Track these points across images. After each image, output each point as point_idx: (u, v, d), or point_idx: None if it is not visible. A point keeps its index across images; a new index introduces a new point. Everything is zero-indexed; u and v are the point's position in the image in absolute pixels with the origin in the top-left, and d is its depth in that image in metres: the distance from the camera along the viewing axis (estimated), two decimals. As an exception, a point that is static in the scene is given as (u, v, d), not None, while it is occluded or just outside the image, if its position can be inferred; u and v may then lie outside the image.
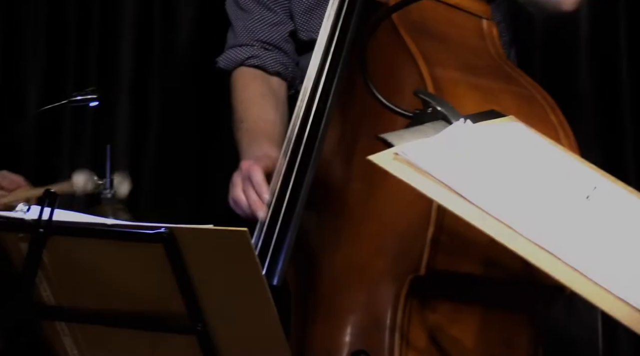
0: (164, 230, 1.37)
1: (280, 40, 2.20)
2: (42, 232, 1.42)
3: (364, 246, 1.86)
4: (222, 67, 2.26)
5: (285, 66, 2.21)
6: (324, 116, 1.90)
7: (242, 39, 2.22)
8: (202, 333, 1.41)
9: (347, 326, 1.85)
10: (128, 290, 1.45)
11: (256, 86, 2.19)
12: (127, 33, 3.21)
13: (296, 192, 1.87)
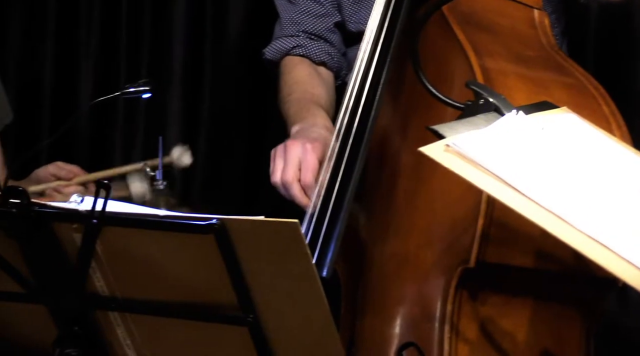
0: (215, 221, 1.38)
1: (325, 30, 2.21)
2: (96, 223, 1.43)
3: (413, 238, 1.86)
4: (269, 57, 2.28)
5: (331, 56, 2.22)
6: (373, 107, 1.90)
7: (288, 30, 2.24)
8: (254, 324, 1.42)
9: (396, 318, 1.85)
10: (179, 281, 1.46)
11: (303, 68, 2.21)
12: (179, 25, 3.23)
13: (345, 183, 1.87)
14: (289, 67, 2.24)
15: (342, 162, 1.88)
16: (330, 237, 1.85)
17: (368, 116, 1.90)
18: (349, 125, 1.90)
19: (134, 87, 2.56)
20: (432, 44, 1.91)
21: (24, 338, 1.61)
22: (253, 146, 3.24)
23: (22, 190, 1.44)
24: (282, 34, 2.26)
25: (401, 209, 1.89)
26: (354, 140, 1.89)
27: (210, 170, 3.23)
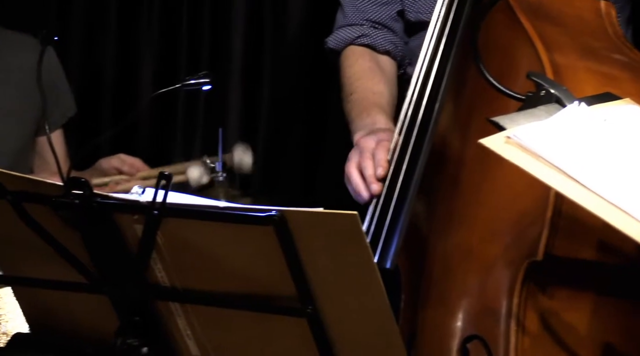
0: (274, 212, 1.38)
1: (388, 19, 2.20)
2: (157, 214, 1.44)
3: (478, 231, 1.84)
4: (332, 47, 2.27)
5: (394, 45, 2.21)
6: (437, 99, 1.89)
7: (352, 19, 2.23)
8: (313, 315, 1.42)
9: (460, 311, 1.83)
10: (239, 272, 1.46)
11: (364, 61, 2.20)
12: (239, 17, 3.24)
13: (409, 175, 1.86)
14: (350, 59, 2.23)
15: (406, 154, 1.87)
16: (394, 229, 1.85)
17: (432, 108, 1.89)
18: (413, 117, 1.89)
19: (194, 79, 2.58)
20: (498, 35, 1.89)
21: (86, 328, 1.63)
22: (312, 137, 3.24)
23: (85, 181, 1.46)
24: (345, 22, 2.25)
25: (465, 202, 1.88)
26: (418, 132, 1.88)
27: (269, 162, 3.24)
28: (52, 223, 1.50)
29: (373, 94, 2.14)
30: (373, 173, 1.90)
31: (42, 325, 1.69)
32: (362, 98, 2.14)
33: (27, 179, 1.54)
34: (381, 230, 1.84)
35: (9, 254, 1.66)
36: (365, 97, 2.14)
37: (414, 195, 1.85)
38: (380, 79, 2.17)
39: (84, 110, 3.31)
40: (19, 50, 2.83)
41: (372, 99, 2.13)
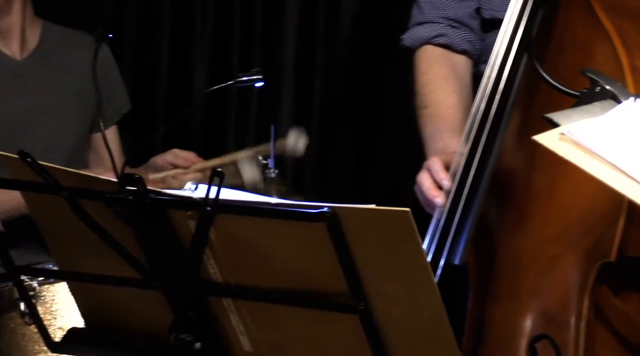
0: (326, 209, 1.38)
1: (466, 16, 2.15)
2: (209, 210, 1.45)
3: (549, 231, 1.81)
4: (407, 45, 2.21)
5: (472, 43, 2.16)
6: (510, 98, 1.86)
7: (429, 16, 2.18)
8: (365, 312, 1.42)
9: (529, 311, 1.81)
10: (291, 268, 1.47)
11: (439, 68, 2.15)
12: (291, 14, 3.24)
13: (479, 173, 1.84)
14: (425, 65, 2.18)
15: (477, 152, 1.85)
16: (463, 226, 1.84)
17: (504, 107, 1.86)
18: (484, 116, 1.86)
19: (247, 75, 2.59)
20: (575, 33, 1.84)
21: (140, 324, 1.64)
22: (364, 134, 3.24)
23: (139, 177, 1.47)
24: (422, 19, 2.19)
25: (536, 202, 1.84)
26: (490, 131, 1.85)
27: (321, 158, 3.25)
28: (107, 219, 1.51)
29: (446, 109, 2.09)
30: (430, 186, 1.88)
31: (96, 320, 1.70)
32: (435, 115, 2.10)
33: (82, 175, 1.55)
34: (450, 226, 1.83)
35: (64, 249, 1.68)
36: (438, 114, 2.10)
37: (484, 192, 1.83)
38: (454, 89, 2.13)
39: (138, 107, 3.33)
40: (75, 48, 2.86)
41: (445, 116, 2.08)
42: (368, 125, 3.23)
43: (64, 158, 2.74)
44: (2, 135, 2.68)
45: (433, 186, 1.89)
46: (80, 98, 2.83)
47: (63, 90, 2.81)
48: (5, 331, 2.27)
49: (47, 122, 2.77)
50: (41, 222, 1.67)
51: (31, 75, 2.78)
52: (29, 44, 2.79)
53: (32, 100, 2.76)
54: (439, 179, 1.88)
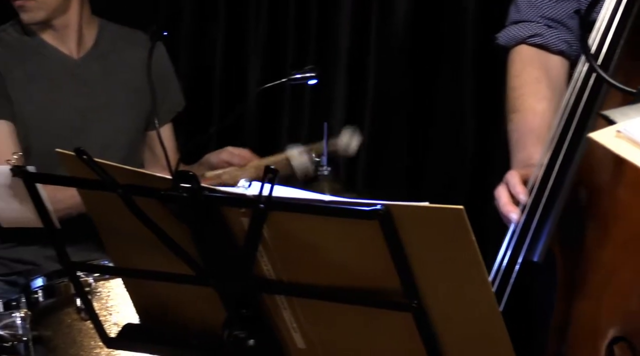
0: (379, 207, 1.38)
1: (565, 16, 2.11)
2: (263, 208, 1.45)
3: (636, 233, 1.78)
4: (502, 44, 2.18)
5: (569, 44, 2.12)
6: (595, 102, 1.83)
7: (525, 15, 2.14)
8: (418, 310, 1.41)
9: (613, 311, 1.78)
10: (343, 266, 1.47)
11: (531, 70, 2.11)
12: (345, 12, 3.24)
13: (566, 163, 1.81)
14: (517, 66, 2.14)
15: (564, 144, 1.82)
16: (543, 223, 1.82)
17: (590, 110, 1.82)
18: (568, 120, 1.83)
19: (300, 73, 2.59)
20: None
21: (194, 320, 1.65)
22: (417, 131, 3.23)
23: (193, 174, 1.48)
24: (518, 18, 2.15)
25: (627, 196, 1.81)
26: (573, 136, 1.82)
27: (374, 156, 3.24)
28: (161, 216, 1.52)
29: (534, 115, 2.05)
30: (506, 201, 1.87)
31: (151, 316, 1.71)
32: (523, 121, 2.07)
33: (137, 173, 1.57)
34: (531, 222, 1.82)
35: (119, 246, 1.69)
36: (525, 120, 2.06)
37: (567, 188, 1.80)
38: (545, 94, 2.08)
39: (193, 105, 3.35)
40: (131, 46, 2.88)
41: (531, 124, 2.05)
42: (421, 123, 3.22)
43: (120, 156, 2.76)
44: (59, 133, 2.71)
45: (509, 201, 1.87)
46: (135, 96, 2.85)
47: (119, 89, 2.84)
48: (62, 326, 2.29)
49: (103, 120, 2.80)
50: (97, 219, 1.69)
51: (88, 73, 2.80)
52: (86, 43, 2.82)
53: (89, 99, 2.79)
54: (516, 193, 1.86)
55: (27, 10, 2.69)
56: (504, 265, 1.85)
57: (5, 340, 2.27)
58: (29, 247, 2.73)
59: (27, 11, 2.69)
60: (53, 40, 2.77)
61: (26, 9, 2.69)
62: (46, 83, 2.75)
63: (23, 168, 1.62)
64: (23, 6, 2.69)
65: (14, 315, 2.29)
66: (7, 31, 2.78)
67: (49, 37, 2.77)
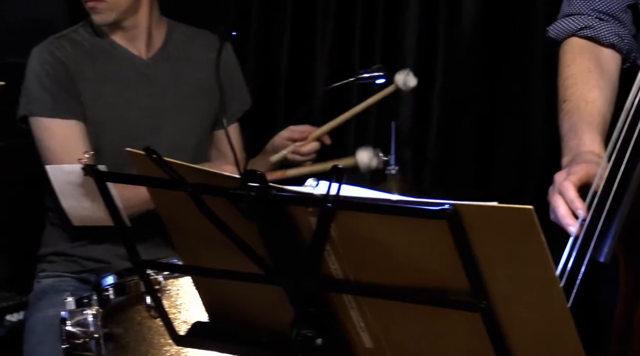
0: (447, 206, 1.37)
1: (618, 10, 2.09)
2: (330, 207, 1.45)
3: None
4: (552, 36, 2.16)
5: (620, 38, 2.10)
6: None
7: (577, 8, 2.13)
8: (487, 310, 1.40)
9: None
10: (411, 265, 1.46)
11: (583, 61, 2.10)
12: (412, 10, 3.23)
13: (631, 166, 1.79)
14: (568, 57, 2.12)
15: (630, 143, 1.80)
16: (610, 223, 1.79)
17: None
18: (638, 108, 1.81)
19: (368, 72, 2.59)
20: None
21: (261, 318, 1.66)
22: (485, 130, 3.21)
23: (261, 174, 1.49)
24: (569, 11, 2.14)
25: None
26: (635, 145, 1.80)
27: (442, 155, 3.23)
28: (229, 214, 1.53)
29: (586, 104, 2.03)
30: (566, 214, 1.85)
31: (220, 314, 1.73)
32: (574, 110, 2.04)
33: (205, 172, 1.58)
34: (597, 223, 1.80)
35: (188, 244, 1.70)
36: (577, 108, 2.04)
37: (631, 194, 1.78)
38: (596, 83, 2.07)
39: (260, 104, 3.37)
40: (199, 46, 2.91)
41: (583, 111, 2.03)
42: (489, 122, 3.19)
43: (188, 155, 2.78)
44: (129, 133, 2.74)
45: (568, 213, 1.85)
46: (203, 96, 2.87)
47: (188, 89, 2.86)
48: (132, 324, 2.32)
49: (172, 120, 2.82)
50: (166, 217, 1.70)
51: (157, 74, 2.83)
52: (155, 43, 2.85)
53: (158, 99, 2.81)
54: (574, 208, 1.84)
55: (98, 11, 2.72)
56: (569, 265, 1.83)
57: (77, 337, 2.30)
58: (100, 245, 2.77)
59: (99, 13, 2.72)
60: (123, 41, 2.80)
61: (97, 10, 2.72)
62: (116, 83, 2.78)
63: (94, 167, 1.65)
64: (94, 8, 2.72)
65: (85, 313, 2.32)
66: (78, 32, 2.81)
67: (118, 38, 2.80)
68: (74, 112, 2.71)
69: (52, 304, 2.62)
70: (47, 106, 2.70)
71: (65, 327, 2.30)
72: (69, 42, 2.77)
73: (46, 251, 2.83)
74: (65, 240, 2.80)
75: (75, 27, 2.84)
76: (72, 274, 2.79)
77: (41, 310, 2.69)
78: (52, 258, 2.81)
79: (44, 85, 2.71)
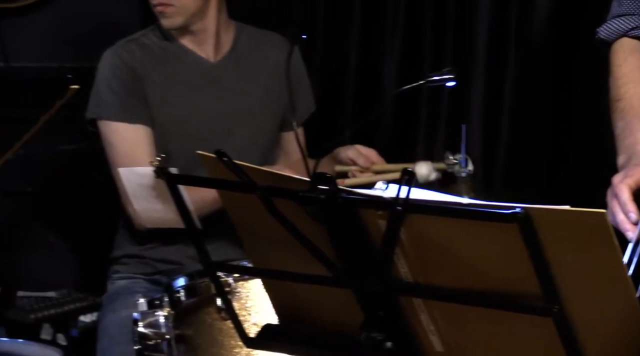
0: (519, 210, 1.36)
1: None
2: (400, 210, 1.45)
3: None
4: (603, 37, 2.15)
5: None
6: None
7: (627, 8, 2.12)
8: (559, 315, 1.39)
9: None
10: (481, 269, 1.45)
11: (634, 60, 2.09)
12: (483, 13, 3.21)
13: None
14: (620, 56, 2.11)
15: None
16: None
17: None
18: None
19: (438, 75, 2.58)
20: None
21: (331, 321, 1.66)
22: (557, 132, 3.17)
23: (330, 177, 1.49)
24: (620, 11, 2.13)
25: None
26: None
27: (513, 157, 3.20)
28: (298, 217, 1.54)
29: (639, 102, 2.03)
30: (623, 219, 1.83)
31: (289, 317, 1.73)
32: (628, 108, 2.04)
33: (275, 174, 1.58)
34: None
35: (258, 247, 1.71)
36: (631, 106, 2.03)
37: None
38: None
39: (328, 107, 3.37)
40: (266, 48, 2.92)
41: (637, 109, 2.02)
42: (561, 124, 3.16)
43: (257, 157, 2.80)
44: (198, 135, 2.76)
45: (625, 219, 1.83)
46: (271, 98, 2.89)
47: (256, 91, 2.88)
48: (203, 325, 2.33)
49: (241, 123, 2.84)
50: (236, 220, 1.71)
51: (226, 76, 2.85)
52: (223, 47, 2.87)
53: (227, 101, 2.83)
54: (625, 212, 1.82)
55: (167, 16, 2.75)
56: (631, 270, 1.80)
57: (149, 338, 2.32)
58: (171, 247, 2.79)
59: (167, 17, 2.75)
60: (191, 44, 2.83)
61: (166, 14, 2.75)
62: (185, 86, 2.81)
63: (166, 170, 1.66)
64: (163, 12, 2.75)
65: (157, 314, 2.34)
66: (148, 36, 2.84)
67: (187, 42, 2.83)
68: (141, 117, 2.74)
69: (125, 305, 2.65)
70: (115, 109, 2.74)
71: (137, 328, 2.33)
72: (138, 46, 2.81)
73: (119, 253, 2.86)
74: (137, 242, 2.83)
75: (145, 31, 2.87)
76: (144, 276, 2.82)
77: (114, 311, 2.72)
78: (125, 260, 2.85)
79: (112, 89, 2.74)
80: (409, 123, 3.33)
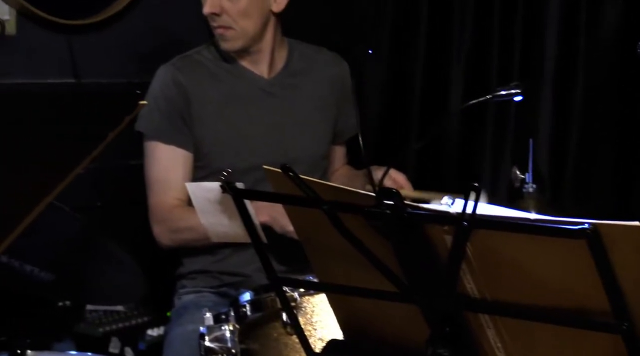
0: (587, 225, 1.34)
1: None
2: (466, 225, 1.44)
3: None
4: None
5: None
6: None
7: None
8: (628, 332, 1.37)
9: None
10: (548, 284, 1.44)
11: None
12: (551, 27, 3.18)
13: None
14: None
15: None
16: None
17: None
18: None
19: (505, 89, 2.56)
20: None
21: (396, 336, 1.66)
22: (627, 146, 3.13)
23: (396, 192, 1.49)
24: None
25: None
26: None
27: (581, 172, 3.16)
28: (364, 232, 1.54)
29: None
30: None
31: (354, 332, 1.73)
32: None
33: (340, 189, 1.59)
34: None
35: (323, 262, 1.71)
36: None
37: None
38: None
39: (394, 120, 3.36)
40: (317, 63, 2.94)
41: None
42: (632, 136, 3.11)
43: (310, 170, 2.81)
44: (256, 150, 2.78)
45: None
46: (323, 112, 2.91)
47: (309, 106, 2.89)
48: (269, 340, 2.34)
49: (297, 137, 2.85)
50: (302, 234, 1.72)
51: (279, 92, 2.87)
52: (277, 64, 2.88)
53: (282, 116, 2.85)
54: None
55: (227, 39, 2.77)
56: None
57: (215, 352, 2.33)
58: (237, 259, 2.80)
59: (227, 40, 2.77)
60: (246, 62, 2.85)
61: (226, 38, 2.77)
62: (241, 103, 2.83)
63: (232, 185, 1.67)
64: (223, 35, 2.77)
65: (223, 328, 2.35)
66: (202, 54, 2.87)
67: (242, 60, 2.85)
68: (181, 140, 2.77)
69: (192, 320, 2.66)
70: (155, 126, 2.77)
71: (204, 343, 2.34)
72: (192, 63, 2.83)
73: (185, 269, 2.88)
74: (203, 257, 2.84)
75: (199, 48, 2.89)
76: (211, 289, 2.83)
77: (181, 325, 2.74)
78: (192, 275, 2.86)
79: (159, 107, 2.78)
80: (475, 138, 3.31)
